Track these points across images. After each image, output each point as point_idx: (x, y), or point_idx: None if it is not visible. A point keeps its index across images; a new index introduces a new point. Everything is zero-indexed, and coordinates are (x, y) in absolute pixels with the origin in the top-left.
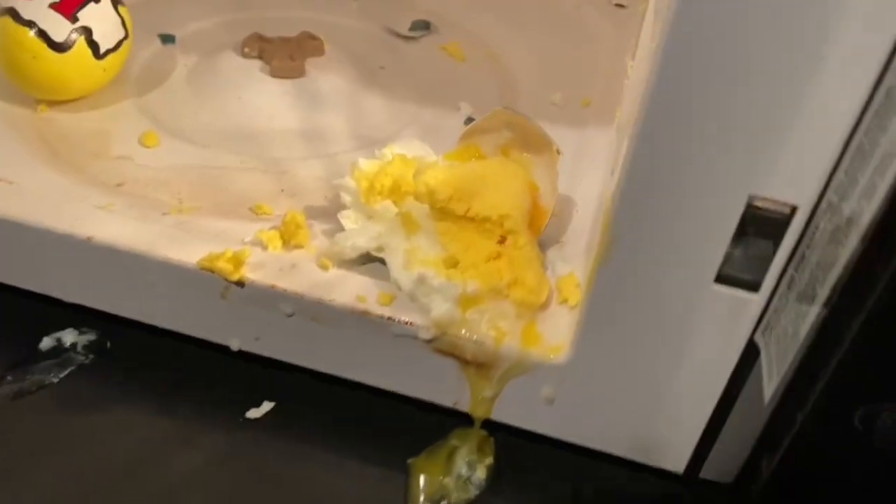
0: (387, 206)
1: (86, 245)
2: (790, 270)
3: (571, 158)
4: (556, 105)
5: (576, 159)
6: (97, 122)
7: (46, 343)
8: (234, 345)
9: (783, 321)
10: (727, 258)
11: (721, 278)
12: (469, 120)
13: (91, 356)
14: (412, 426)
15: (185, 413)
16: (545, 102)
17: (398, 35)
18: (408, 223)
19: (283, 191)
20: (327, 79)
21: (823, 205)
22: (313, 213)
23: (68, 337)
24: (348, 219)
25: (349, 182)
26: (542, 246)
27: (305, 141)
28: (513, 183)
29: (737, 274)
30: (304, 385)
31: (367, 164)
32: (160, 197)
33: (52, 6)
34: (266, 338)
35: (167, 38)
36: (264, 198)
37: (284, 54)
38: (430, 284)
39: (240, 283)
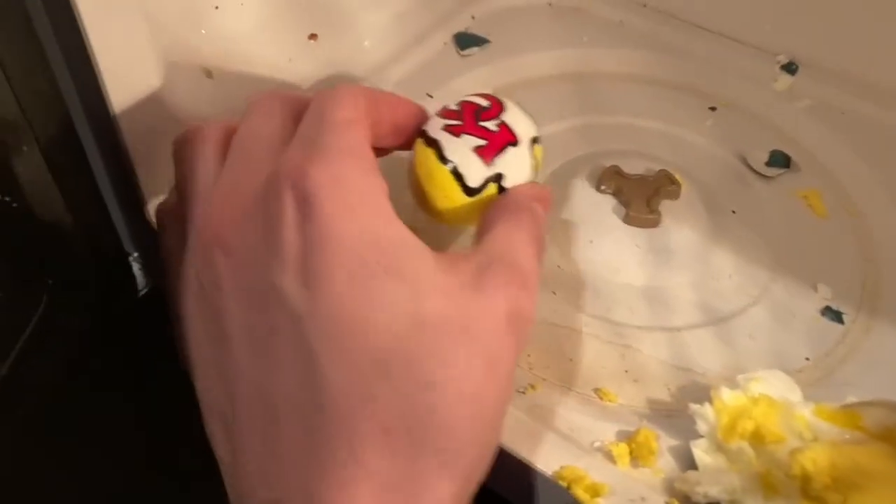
0: (744, 448)
1: None
2: None
3: None
4: None
5: None
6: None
7: None
8: None
9: None
10: None
11: None
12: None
13: None
14: None
15: None
16: None
17: (753, 170)
18: (767, 486)
19: (626, 372)
20: (679, 229)
21: None
22: (657, 412)
23: None
24: (700, 449)
25: (708, 412)
26: None
27: (648, 304)
28: None
29: None
30: None
31: (729, 397)
32: None
33: (475, 149)
34: None
35: None
36: (607, 377)
37: (641, 199)
38: None
39: None
